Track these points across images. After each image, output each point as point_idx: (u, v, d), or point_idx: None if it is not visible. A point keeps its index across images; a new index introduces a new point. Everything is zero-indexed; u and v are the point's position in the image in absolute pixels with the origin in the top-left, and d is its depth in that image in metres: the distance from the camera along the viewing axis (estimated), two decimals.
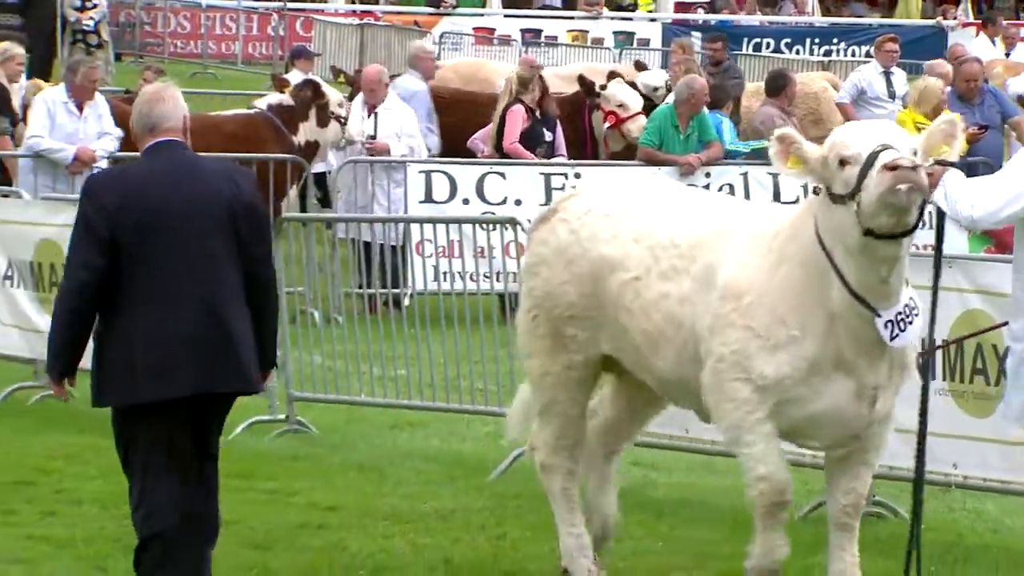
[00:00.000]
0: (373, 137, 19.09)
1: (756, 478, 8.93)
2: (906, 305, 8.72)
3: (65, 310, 8.70)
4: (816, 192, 8.86)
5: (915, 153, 8.55)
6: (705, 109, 19.45)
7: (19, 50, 20.81)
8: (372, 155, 19.01)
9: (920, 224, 8.64)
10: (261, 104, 19.81)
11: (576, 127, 20.48)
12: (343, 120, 19.31)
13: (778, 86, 20.02)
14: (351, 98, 20.27)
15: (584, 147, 20.47)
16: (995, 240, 9.83)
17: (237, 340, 8.62)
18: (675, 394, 9.40)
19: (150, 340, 8.58)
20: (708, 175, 19.08)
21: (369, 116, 19.29)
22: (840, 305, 8.69)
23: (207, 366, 8.58)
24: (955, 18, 44.07)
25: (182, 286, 8.59)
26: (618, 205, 9.38)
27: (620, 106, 20.24)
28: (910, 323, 8.74)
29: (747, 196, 19.03)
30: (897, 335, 8.70)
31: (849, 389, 8.80)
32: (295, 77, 22.46)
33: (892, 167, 8.39)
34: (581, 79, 21.18)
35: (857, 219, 8.50)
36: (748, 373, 8.78)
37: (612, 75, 21.02)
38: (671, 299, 9.06)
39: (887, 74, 22.99)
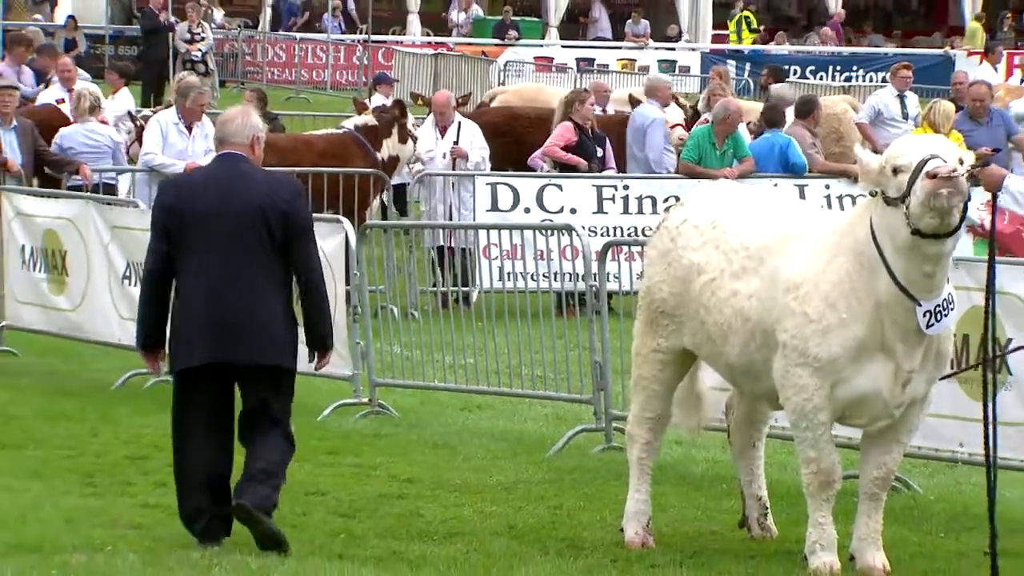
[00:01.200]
0: (444, 155, 19.16)
1: (806, 460, 9.03)
2: (944, 299, 8.81)
3: (141, 289, 9.56)
4: (873, 195, 8.89)
5: (961, 163, 8.64)
6: (740, 127, 19.41)
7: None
8: (455, 158, 19.09)
9: (962, 225, 8.70)
10: (348, 124, 19.84)
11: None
12: (415, 138, 19.36)
13: (807, 109, 19.92)
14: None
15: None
16: (997, 244, 9.76)
17: (260, 321, 9.14)
18: (742, 380, 9.45)
19: (187, 318, 9.26)
20: None
21: (442, 136, 19.34)
22: (886, 295, 8.79)
23: (227, 341, 9.12)
24: (962, 47, 43.83)
25: (215, 273, 9.18)
26: (707, 216, 9.49)
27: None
28: (946, 315, 8.86)
29: None
30: (933, 324, 8.81)
31: (889, 371, 8.87)
32: (377, 100, 22.53)
33: (933, 175, 8.52)
34: (631, 97, 21.18)
35: (906, 220, 8.64)
36: (805, 357, 8.85)
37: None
38: (740, 296, 9.19)
39: (901, 97, 22.86)
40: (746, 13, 45.88)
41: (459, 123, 19.42)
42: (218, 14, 42.52)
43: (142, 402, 13.83)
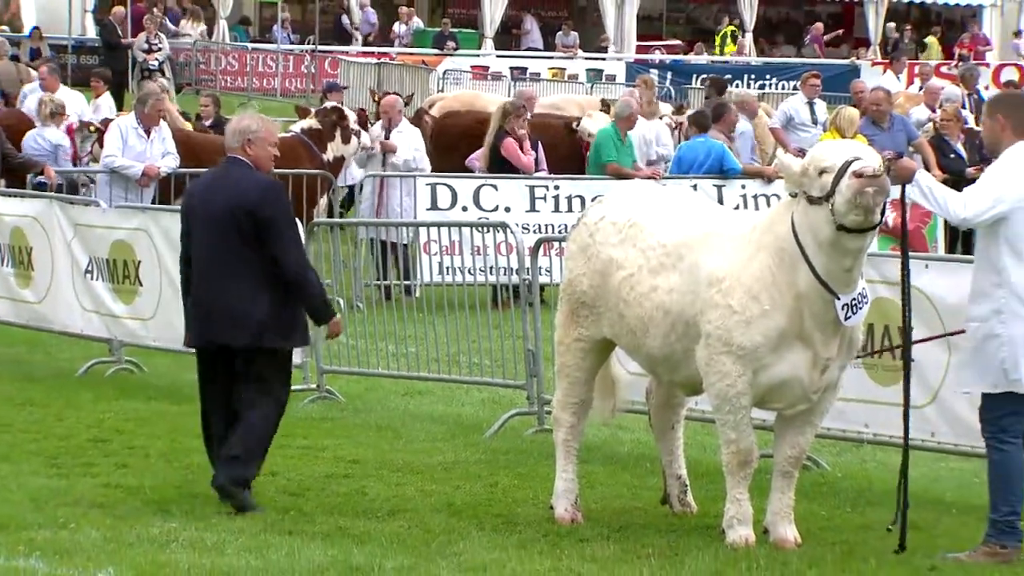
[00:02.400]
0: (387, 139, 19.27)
1: (727, 441, 9.07)
2: (859, 293, 8.87)
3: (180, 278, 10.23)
4: (793, 196, 8.91)
5: (880, 165, 8.71)
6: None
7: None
8: (384, 152, 19.11)
9: (882, 222, 8.74)
10: (296, 128, 19.80)
11: (570, 149, 20.60)
12: (359, 133, 19.39)
13: (718, 114, 20.05)
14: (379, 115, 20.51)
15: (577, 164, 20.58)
16: (897, 239, 9.83)
17: (233, 306, 9.71)
18: (661, 369, 9.46)
19: (188, 304, 10.04)
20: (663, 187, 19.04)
21: (387, 137, 19.36)
22: (806, 288, 8.83)
23: (211, 324, 9.81)
24: (867, 58, 44.08)
25: (203, 265, 9.88)
26: (624, 214, 9.48)
27: (590, 136, 20.26)
28: (861, 307, 8.91)
29: None
30: (850, 316, 8.87)
31: (807, 359, 8.92)
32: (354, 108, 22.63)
33: (860, 174, 8.59)
34: (565, 123, 21.35)
35: (831, 217, 8.67)
36: (729, 346, 8.87)
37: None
38: (660, 291, 9.20)
39: (811, 104, 22.97)
40: (731, 28, 46.03)
41: (401, 129, 19.48)
42: (192, 26, 42.33)
43: (104, 388, 13.76)
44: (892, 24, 46.25)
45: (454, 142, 20.59)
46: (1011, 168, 8.79)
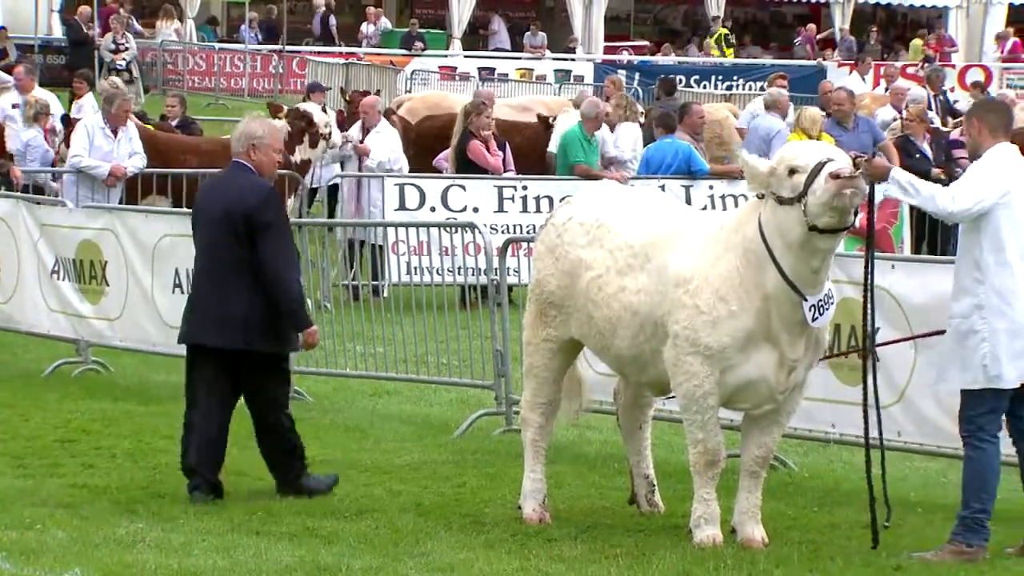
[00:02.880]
0: (361, 141, 19.26)
1: (694, 441, 9.07)
2: (826, 294, 8.87)
3: None
4: (760, 196, 8.90)
5: (853, 165, 8.71)
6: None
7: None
8: (359, 155, 19.10)
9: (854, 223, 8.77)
10: None
11: (537, 150, 20.65)
12: (328, 137, 19.38)
13: (683, 115, 20.12)
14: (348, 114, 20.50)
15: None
16: (864, 240, 9.86)
17: (221, 308, 9.81)
18: (629, 369, 9.46)
19: (187, 302, 10.21)
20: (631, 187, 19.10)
21: (363, 138, 19.37)
22: (774, 289, 8.83)
23: (199, 324, 9.94)
24: (833, 59, 44.21)
25: (198, 266, 10.11)
26: (592, 215, 9.48)
27: None
28: (828, 308, 8.92)
29: None
30: (817, 317, 8.87)
31: (774, 359, 8.93)
32: (312, 107, 22.61)
33: (837, 175, 8.55)
34: (540, 116, 21.37)
35: (804, 217, 8.65)
36: (697, 346, 8.87)
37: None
38: (628, 291, 9.20)
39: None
40: (724, 31, 46.10)
41: (379, 130, 19.51)
42: (166, 25, 42.21)
43: (71, 389, 13.72)
44: (845, 27, 46.37)
45: (432, 143, 20.61)
46: (994, 165, 8.87)
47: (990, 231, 8.77)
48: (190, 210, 10.48)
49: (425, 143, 20.83)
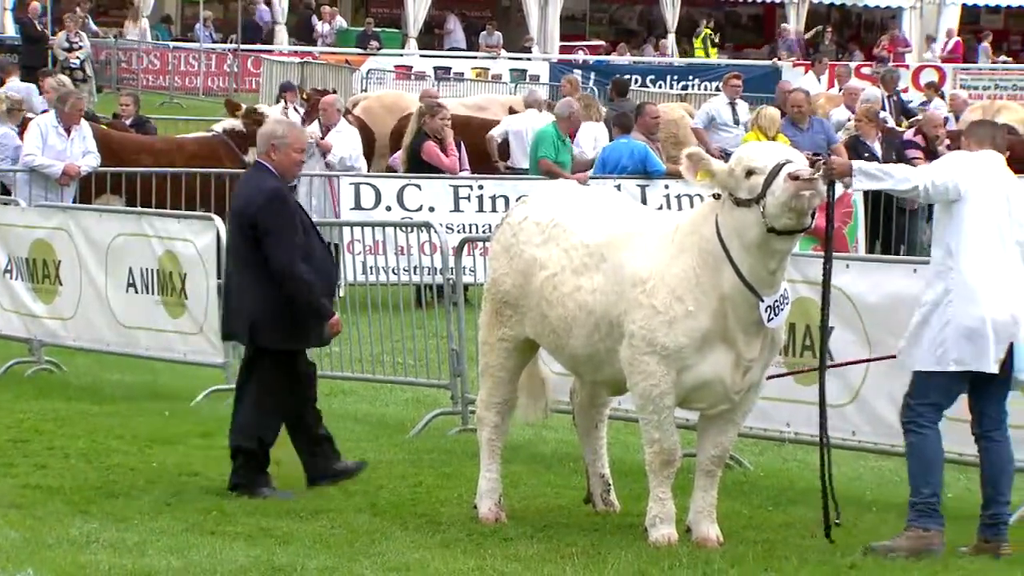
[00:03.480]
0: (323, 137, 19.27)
1: (650, 440, 9.07)
2: (781, 295, 8.89)
3: None
4: (716, 197, 8.91)
5: (811, 166, 8.73)
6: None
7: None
8: (322, 152, 19.10)
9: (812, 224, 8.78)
10: (217, 128, 19.73)
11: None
12: None
13: (637, 115, 20.18)
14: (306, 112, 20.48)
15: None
16: (820, 240, 9.91)
17: (232, 302, 10.31)
18: (584, 369, 9.45)
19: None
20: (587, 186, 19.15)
21: (323, 136, 19.35)
22: (731, 290, 8.84)
23: (226, 318, 10.58)
24: (788, 59, 44.36)
25: (227, 262, 10.65)
26: (547, 214, 9.47)
27: None
28: (783, 309, 8.94)
29: None
30: (772, 318, 8.89)
31: (730, 360, 8.93)
32: (273, 109, 22.61)
33: (796, 176, 8.57)
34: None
35: (762, 219, 8.66)
36: (653, 346, 8.88)
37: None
38: (583, 291, 9.19)
39: (732, 105, 23.08)
40: (708, 31, 46.16)
41: (340, 129, 19.51)
42: (132, 26, 42.08)
43: (24, 388, 13.65)
44: (787, 25, 46.56)
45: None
46: (970, 156, 8.99)
47: (963, 220, 8.84)
48: (144, 209, 10.64)
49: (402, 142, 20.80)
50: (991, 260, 8.83)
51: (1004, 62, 46.07)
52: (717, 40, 46.25)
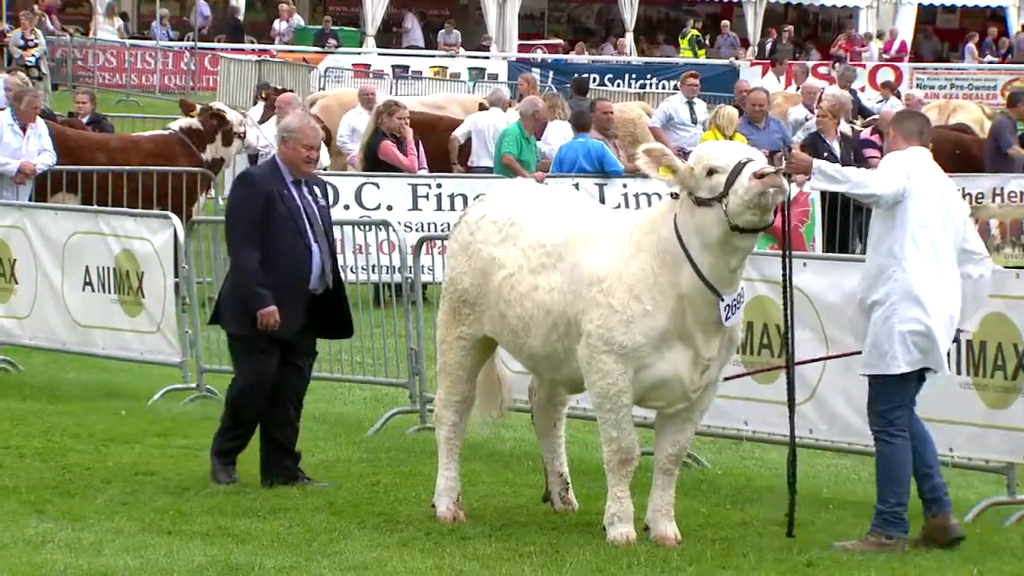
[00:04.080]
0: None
1: (608, 439, 9.08)
2: (739, 293, 8.91)
3: None
4: (674, 196, 8.91)
5: (770, 164, 8.77)
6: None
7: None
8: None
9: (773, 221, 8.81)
10: (174, 126, 19.66)
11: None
12: (243, 135, 19.29)
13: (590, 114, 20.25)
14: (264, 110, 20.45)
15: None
16: (777, 239, 9.94)
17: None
18: (543, 368, 9.45)
19: None
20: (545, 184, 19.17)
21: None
22: (690, 289, 8.85)
23: None
24: (746, 59, 44.50)
25: None
26: (505, 213, 9.47)
27: None
28: (739, 308, 8.97)
29: None
30: (730, 317, 8.90)
31: (688, 358, 8.94)
32: (261, 108, 22.59)
33: (761, 174, 8.58)
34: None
35: (724, 217, 8.66)
36: (611, 345, 8.88)
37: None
38: (541, 290, 9.19)
39: (690, 104, 23.13)
40: (695, 32, 46.18)
41: None
42: (107, 24, 41.94)
43: None
44: (727, 22, 46.75)
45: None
46: (903, 159, 9.03)
47: (906, 223, 8.88)
48: (101, 208, 10.69)
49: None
50: (932, 262, 8.91)
51: (990, 62, 46.24)
52: (706, 42, 46.25)
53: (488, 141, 20.47)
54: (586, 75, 31.35)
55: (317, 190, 10.50)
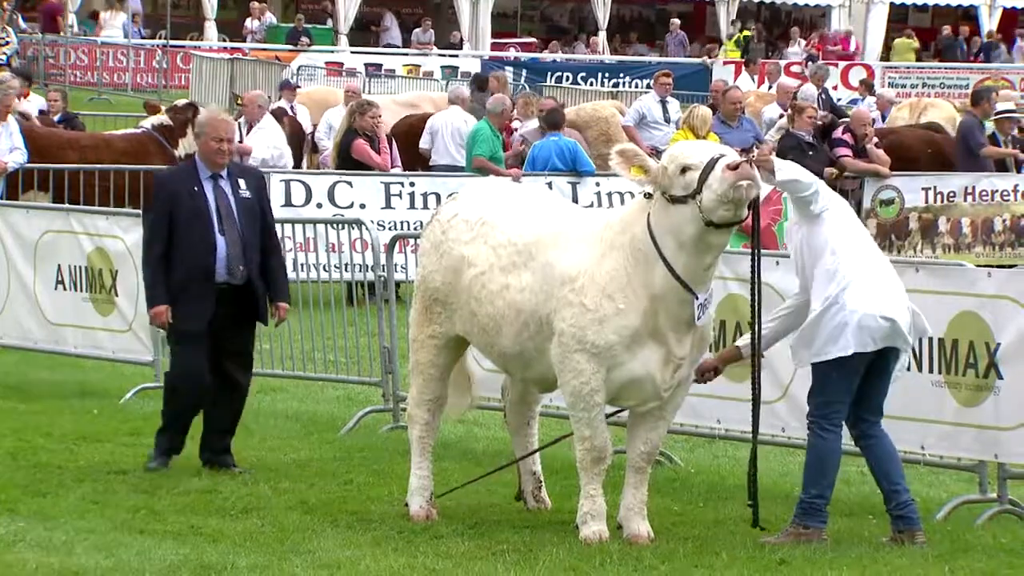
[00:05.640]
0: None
1: (581, 438, 9.09)
2: (709, 292, 8.93)
3: None
4: (647, 196, 8.93)
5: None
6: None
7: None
8: (240, 155, 19.06)
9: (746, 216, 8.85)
10: (146, 124, 19.61)
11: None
12: None
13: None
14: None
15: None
16: (749, 237, 9.96)
17: None
18: (514, 366, 9.45)
19: None
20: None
21: (247, 133, 19.28)
22: (663, 287, 8.86)
23: None
24: (717, 57, 44.56)
25: None
26: (476, 212, 9.47)
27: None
28: (708, 307, 9.02)
29: None
30: (700, 316, 8.93)
31: (660, 357, 8.96)
32: (283, 105, 22.58)
33: (734, 167, 8.60)
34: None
35: (699, 214, 8.68)
36: (583, 344, 8.89)
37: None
38: (512, 289, 9.19)
39: (663, 102, 23.17)
40: (746, 32, 46.17)
41: (263, 125, 19.41)
42: (112, 17, 41.77)
43: None
44: (676, 20, 46.83)
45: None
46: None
47: (837, 222, 9.04)
48: (73, 206, 10.78)
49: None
50: (869, 255, 9.07)
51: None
52: (752, 43, 46.19)
53: (447, 139, 20.50)
54: (486, 73, 30.98)
55: (243, 182, 10.67)
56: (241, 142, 19.16)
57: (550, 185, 18.84)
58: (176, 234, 10.47)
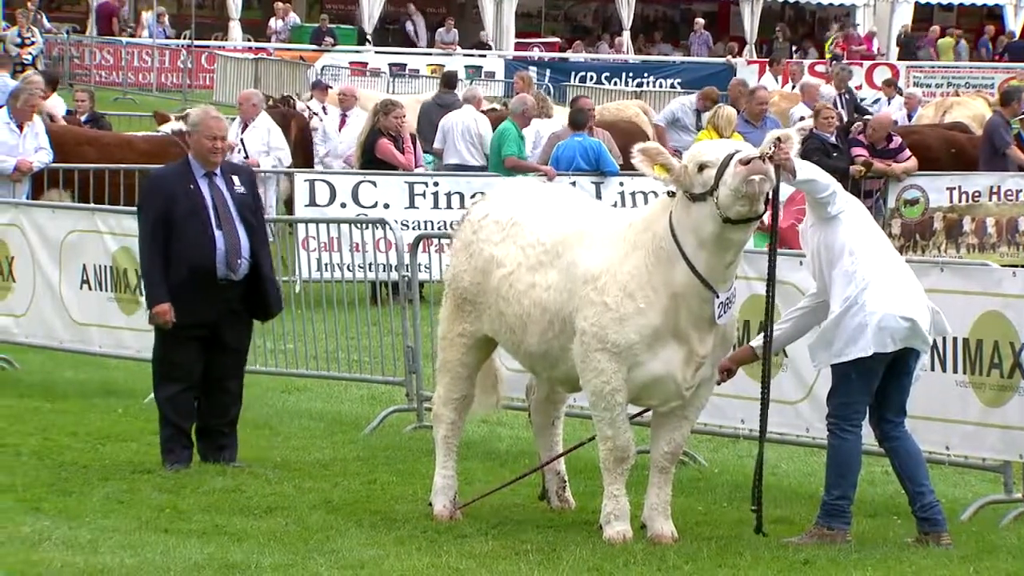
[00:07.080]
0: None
1: (604, 438, 9.09)
2: (732, 292, 8.94)
3: None
4: (670, 195, 8.94)
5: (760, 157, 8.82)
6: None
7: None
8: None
9: (765, 212, 8.85)
10: (166, 129, 19.73)
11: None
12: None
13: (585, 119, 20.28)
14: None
15: None
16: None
17: None
18: (540, 366, 9.46)
19: None
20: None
21: (242, 132, 19.33)
22: (683, 286, 8.87)
23: None
24: (742, 56, 44.50)
25: None
26: (507, 212, 9.50)
27: None
28: (731, 306, 9.01)
29: None
30: (722, 315, 8.92)
31: (682, 356, 8.96)
32: (314, 106, 22.63)
33: (746, 162, 8.65)
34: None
35: (716, 211, 8.71)
36: (604, 343, 8.89)
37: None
38: (538, 288, 9.21)
39: (699, 112, 23.21)
40: (836, 44, 46.20)
41: (257, 125, 19.48)
42: (150, 16, 41.88)
43: None
44: (700, 20, 46.73)
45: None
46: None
47: (855, 224, 9.03)
48: (98, 206, 10.87)
49: None
50: (887, 256, 9.07)
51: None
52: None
53: (457, 137, 20.49)
54: (453, 70, 30.87)
55: (236, 179, 10.75)
56: (244, 131, 19.26)
57: (574, 184, 18.86)
58: (174, 232, 10.51)
